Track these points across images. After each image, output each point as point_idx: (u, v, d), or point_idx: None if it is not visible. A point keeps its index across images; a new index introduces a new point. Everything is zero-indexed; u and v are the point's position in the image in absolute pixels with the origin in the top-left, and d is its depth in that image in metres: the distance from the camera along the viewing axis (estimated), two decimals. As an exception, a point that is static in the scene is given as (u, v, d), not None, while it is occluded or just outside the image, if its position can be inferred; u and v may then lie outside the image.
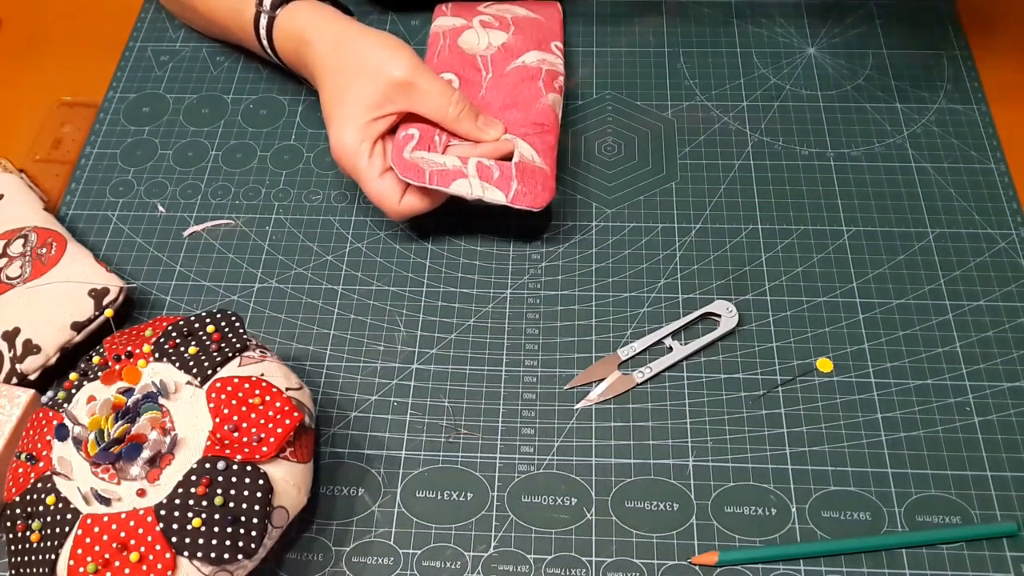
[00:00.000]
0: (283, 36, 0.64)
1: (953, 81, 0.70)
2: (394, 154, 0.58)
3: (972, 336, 0.57)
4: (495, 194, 0.58)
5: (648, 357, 0.57)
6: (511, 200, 0.58)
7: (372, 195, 0.59)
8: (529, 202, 0.58)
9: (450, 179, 0.58)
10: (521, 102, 0.63)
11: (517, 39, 0.67)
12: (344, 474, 0.54)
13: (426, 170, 0.57)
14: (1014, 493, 0.52)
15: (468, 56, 0.66)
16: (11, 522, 0.48)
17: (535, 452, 0.54)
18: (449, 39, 0.67)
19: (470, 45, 0.66)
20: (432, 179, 0.57)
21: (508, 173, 0.58)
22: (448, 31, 0.68)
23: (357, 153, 0.58)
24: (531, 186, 0.58)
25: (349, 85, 0.58)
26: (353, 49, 0.59)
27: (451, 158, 0.59)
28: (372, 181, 0.58)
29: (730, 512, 0.52)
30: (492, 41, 0.66)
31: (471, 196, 0.58)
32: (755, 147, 0.67)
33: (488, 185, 0.58)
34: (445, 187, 0.58)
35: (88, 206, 0.66)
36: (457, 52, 0.66)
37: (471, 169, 0.58)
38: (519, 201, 0.58)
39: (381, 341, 0.59)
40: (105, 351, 0.52)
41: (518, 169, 0.59)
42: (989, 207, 0.63)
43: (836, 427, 0.54)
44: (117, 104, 0.72)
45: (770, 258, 0.61)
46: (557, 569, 0.50)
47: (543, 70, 0.65)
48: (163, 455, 0.47)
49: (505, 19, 0.68)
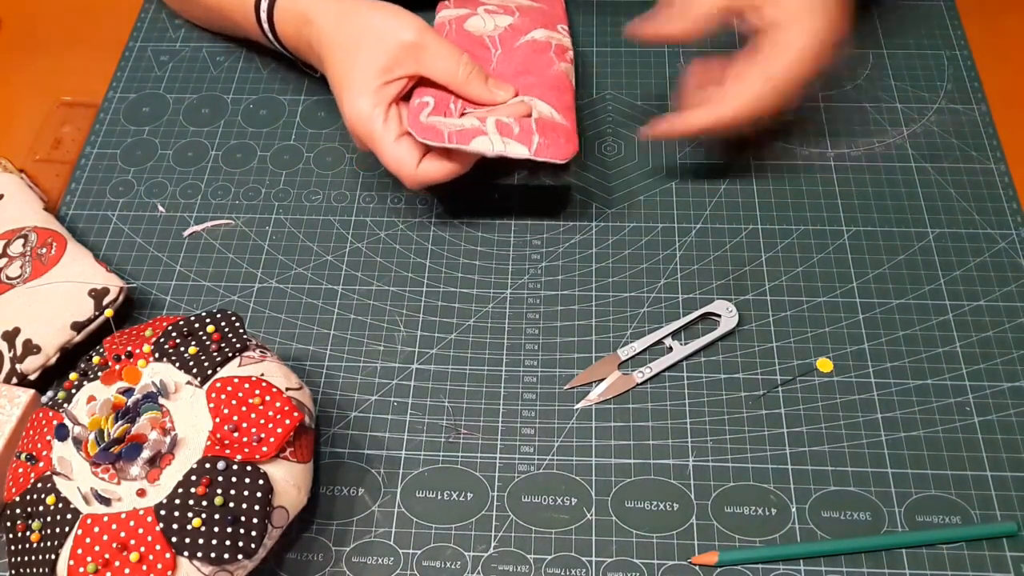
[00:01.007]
0: (284, 18, 0.63)
1: (953, 81, 0.70)
2: (410, 119, 0.57)
3: (972, 336, 0.57)
4: (517, 148, 0.57)
5: (648, 357, 0.57)
6: (534, 152, 0.57)
7: (389, 161, 0.58)
8: (552, 153, 0.57)
9: (469, 137, 0.57)
10: (534, 69, 0.62)
11: (523, 20, 0.66)
12: (344, 474, 0.54)
13: (444, 130, 0.57)
14: (1014, 493, 0.52)
15: (476, 37, 0.65)
16: (11, 522, 0.48)
17: (535, 452, 0.54)
18: (455, 24, 0.67)
19: (476, 28, 0.66)
20: (451, 139, 0.57)
21: (528, 128, 0.58)
22: (453, 19, 0.67)
23: (371, 117, 0.57)
24: (553, 138, 0.57)
25: (357, 54, 0.58)
26: (357, 21, 0.59)
27: (469, 119, 0.58)
28: (388, 146, 0.57)
29: (730, 512, 0.52)
30: (498, 23, 0.66)
31: (492, 152, 0.57)
32: (755, 147, 0.67)
33: (509, 140, 0.57)
34: (465, 145, 0.57)
35: (88, 206, 0.66)
36: (464, 34, 0.66)
37: (490, 126, 0.57)
38: (542, 153, 0.57)
39: (381, 341, 0.59)
40: (105, 351, 0.52)
41: (538, 124, 0.58)
42: (989, 207, 0.63)
43: (836, 427, 0.54)
44: (117, 104, 0.72)
45: (770, 258, 0.61)
46: (557, 569, 0.50)
47: (552, 43, 0.65)
48: (163, 455, 0.47)
49: (509, 7, 0.68)
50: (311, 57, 0.64)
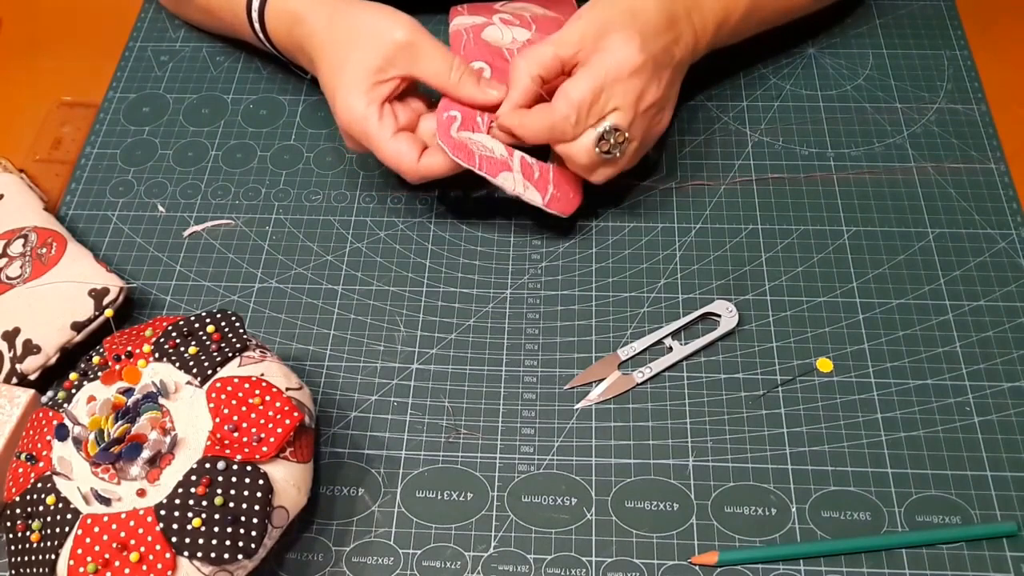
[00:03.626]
0: (276, 19, 0.63)
1: (953, 81, 0.70)
2: (440, 133, 0.57)
3: (972, 336, 0.57)
4: (534, 195, 0.59)
5: (648, 357, 0.57)
6: (546, 204, 0.59)
7: (388, 157, 0.57)
8: (560, 208, 0.59)
9: (497, 170, 0.58)
10: None
11: (540, 36, 0.66)
12: (344, 474, 0.54)
13: (476, 153, 0.57)
14: (1014, 493, 0.52)
15: (495, 48, 0.65)
16: (11, 522, 0.48)
17: (535, 452, 0.54)
18: (472, 33, 0.67)
19: (495, 39, 0.66)
20: (482, 165, 0.57)
21: (546, 176, 0.59)
22: (470, 27, 0.67)
23: (365, 116, 0.57)
24: (564, 192, 0.59)
25: (349, 54, 0.58)
26: (348, 20, 0.58)
27: (498, 145, 0.58)
28: (385, 142, 0.57)
29: (730, 512, 0.52)
30: (516, 37, 0.66)
31: (511, 192, 0.58)
32: (755, 147, 0.67)
33: (529, 185, 0.58)
34: (492, 177, 0.57)
35: (88, 206, 0.66)
36: (483, 44, 0.66)
37: (516, 164, 0.58)
38: (553, 206, 0.59)
39: (381, 341, 0.59)
40: (105, 351, 0.52)
41: (555, 173, 0.59)
42: (989, 207, 0.63)
43: (836, 427, 0.54)
44: (117, 104, 0.72)
45: (770, 258, 0.61)
46: (557, 569, 0.50)
47: None
48: (163, 455, 0.47)
49: (524, 17, 0.68)
50: (301, 58, 0.63)
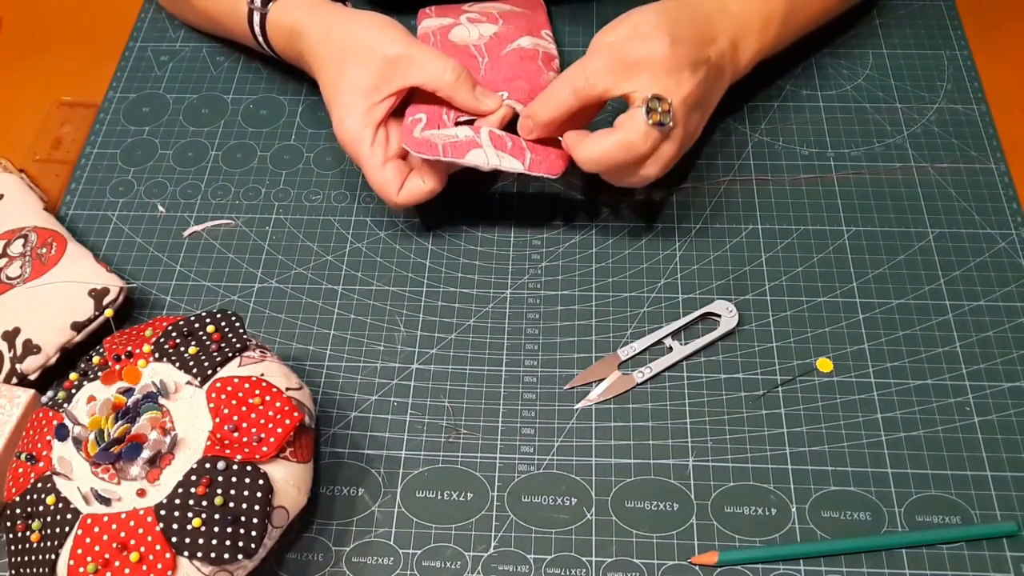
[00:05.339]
0: (276, 31, 0.64)
1: (953, 81, 0.70)
2: (404, 137, 0.58)
3: (972, 336, 0.57)
4: (511, 162, 0.57)
5: (648, 357, 0.57)
6: (528, 168, 0.57)
7: (373, 184, 0.59)
8: (546, 169, 0.57)
9: (464, 150, 0.57)
10: (524, 75, 0.62)
11: (508, 28, 0.66)
12: (344, 474, 0.54)
13: (438, 143, 0.57)
14: (1014, 493, 0.52)
15: (461, 47, 0.65)
16: (11, 522, 0.48)
17: (535, 452, 0.54)
18: (439, 35, 0.67)
19: (461, 38, 0.66)
20: (446, 151, 0.57)
21: (520, 144, 0.58)
22: (437, 29, 0.67)
23: (360, 139, 0.58)
24: (545, 154, 0.58)
25: (344, 71, 0.58)
26: (343, 34, 0.59)
27: (463, 129, 0.58)
28: (374, 170, 0.58)
29: (730, 512, 0.52)
30: (483, 32, 0.66)
31: (487, 166, 0.57)
32: (755, 147, 0.67)
33: (504, 154, 0.57)
34: (460, 158, 0.57)
35: (88, 206, 0.66)
36: (450, 45, 0.66)
37: (484, 138, 0.57)
38: (536, 168, 0.57)
39: (381, 341, 0.59)
40: (105, 351, 0.52)
41: (533, 142, 0.58)
42: (989, 207, 0.63)
43: (836, 427, 0.54)
44: (117, 104, 0.72)
45: (770, 258, 0.61)
46: (557, 569, 0.50)
47: (539, 51, 0.65)
48: (163, 455, 0.47)
49: (492, 13, 0.68)
50: (303, 67, 0.64)
